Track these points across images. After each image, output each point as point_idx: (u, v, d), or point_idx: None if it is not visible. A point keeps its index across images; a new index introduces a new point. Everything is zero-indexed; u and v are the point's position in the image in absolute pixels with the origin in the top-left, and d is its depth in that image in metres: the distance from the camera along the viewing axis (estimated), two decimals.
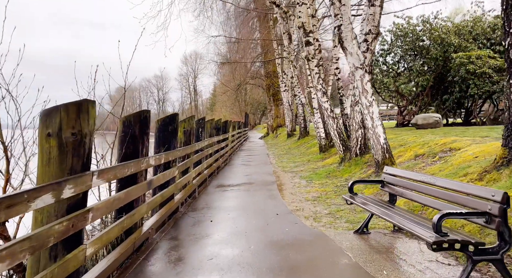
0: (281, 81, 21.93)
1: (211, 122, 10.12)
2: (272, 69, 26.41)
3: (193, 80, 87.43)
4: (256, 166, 11.10)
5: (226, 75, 47.70)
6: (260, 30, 24.52)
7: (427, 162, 5.80)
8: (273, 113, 29.47)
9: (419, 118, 12.24)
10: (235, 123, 18.62)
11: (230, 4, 19.66)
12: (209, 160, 9.44)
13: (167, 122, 5.57)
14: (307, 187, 7.09)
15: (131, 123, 4.04)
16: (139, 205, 4.09)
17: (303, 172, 9.05)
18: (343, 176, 7.61)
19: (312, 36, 8.33)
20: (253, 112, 63.10)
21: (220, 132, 11.78)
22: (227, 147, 13.59)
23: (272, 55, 22.20)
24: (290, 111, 21.46)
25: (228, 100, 56.60)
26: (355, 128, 7.81)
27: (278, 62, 22.00)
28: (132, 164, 3.68)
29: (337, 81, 9.61)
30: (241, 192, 7.06)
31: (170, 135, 5.58)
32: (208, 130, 10.04)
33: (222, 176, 9.44)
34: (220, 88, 56.34)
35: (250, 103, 58.68)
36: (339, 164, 8.41)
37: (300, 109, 17.65)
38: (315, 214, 4.98)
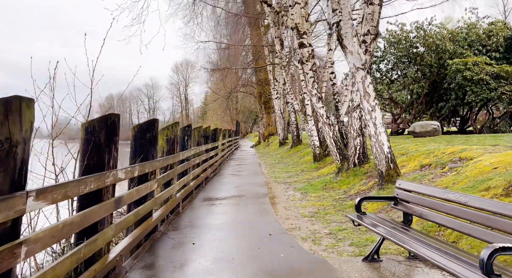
0: (272, 89, 21.44)
1: (199, 130, 9.45)
2: (264, 77, 25.94)
3: (184, 88, 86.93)
4: (247, 177, 10.44)
5: (216, 83, 47.21)
6: (251, 37, 24.13)
7: (435, 174, 5.23)
8: (264, 121, 28.92)
9: (416, 126, 11.79)
10: (225, 131, 17.97)
11: (221, 9, 19.22)
12: (196, 171, 8.76)
13: (144, 129, 4.90)
14: (303, 200, 6.44)
15: (95, 129, 3.37)
16: (104, 228, 3.40)
17: (297, 183, 8.41)
18: (341, 188, 6.99)
19: (306, 38, 7.82)
20: (244, 120, 62.64)
21: (209, 140, 11.11)
22: (216, 156, 12.91)
23: (263, 62, 21.76)
24: (282, 119, 20.93)
25: (219, 109, 56.05)
26: (353, 135, 7.24)
27: (269, 69, 21.53)
28: (92, 179, 3.00)
29: (333, 86, 9.11)
30: (230, 206, 6.38)
31: (148, 144, 4.91)
32: (195, 138, 9.37)
33: (211, 188, 8.75)
34: (211, 96, 55.81)
35: (241, 111, 58.20)
36: (336, 175, 7.80)
37: (292, 117, 17.11)
38: (313, 234, 4.33)
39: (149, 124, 4.94)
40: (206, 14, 21.92)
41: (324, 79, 12.92)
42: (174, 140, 6.48)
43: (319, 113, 7.75)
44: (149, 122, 4.96)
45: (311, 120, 10.82)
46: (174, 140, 6.47)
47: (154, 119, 5.00)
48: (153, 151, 4.99)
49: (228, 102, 37.50)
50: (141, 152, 4.86)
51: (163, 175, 5.56)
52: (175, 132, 6.50)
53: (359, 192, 6.25)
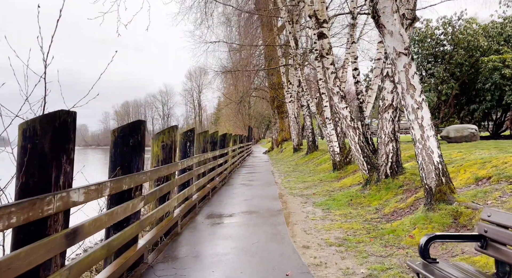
0: (286, 92, 20.35)
1: (204, 135, 8.43)
2: (277, 80, 24.90)
3: (197, 95, 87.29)
4: (258, 187, 9.33)
5: (228, 88, 46.50)
6: (263, 39, 23.14)
7: (503, 190, 4.01)
8: (277, 126, 27.80)
9: (450, 130, 10.46)
10: (236, 137, 16.93)
11: (232, 10, 18.36)
12: (201, 181, 7.71)
13: (127, 133, 3.88)
14: (325, 220, 5.28)
15: (36, 133, 2.37)
16: (50, 274, 2.37)
17: (317, 197, 7.25)
18: (371, 204, 5.80)
19: (326, 27, 6.71)
20: (257, 126, 61.72)
21: (217, 146, 10.07)
22: (226, 163, 11.86)
23: (276, 64, 20.72)
24: (296, 123, 19.77)
25: (232, 114, 55.35)
26: (385, 141, 6.06)
27: (282, 71, 20.48)
28: (24, 204, 1.97)
29: (356, 85, 7.96)
30: (237, 227, 5.28)
31: (132, 152, 3.88)
32: (200, 144, 8.35)
33: (217, 201, 7.67)
34: (223, 102, 55.22)
35: (254, 116, 57.30)
36: (363, 187, 6.61)
37: (307, 121, 15.95)
38: (346, 276, 3.19)
39: (133, 127, 3.92)
40: (216, 14, 21.15)
41: (343, 80, 11.74)
42: (172, 146, 5.45)
43: (342, 115, 6.61)
44: (132, 125, 3.94)
45: (330, 124, 9.65)
46: (171, 146, 5.44)
47: (140, 120, 3.98)
48: (139, 161, 3.96)
49: (240, 107, 36.59)
50: (123, 162, 3.84)
51: (154, 190, 4.53)
52: (172, 137, 5.47)
53: (395, 211, 5.06)
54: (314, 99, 10.58)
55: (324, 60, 6.63)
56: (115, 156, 3.85)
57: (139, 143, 3.96)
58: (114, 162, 3.85)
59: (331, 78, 6.61)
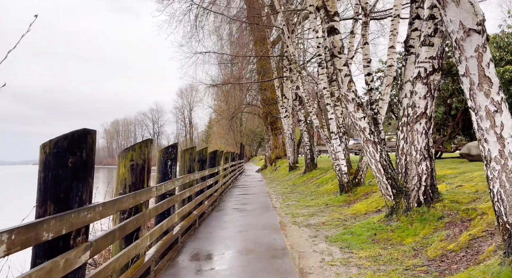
0: (281, 106, 19.24)
1: (191, 152, 7.08)
2: (270, 95, 23.87)
3: (188, 112, 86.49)
4: (254, 213, 7.92)
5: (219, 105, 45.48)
6: (256, 52, 22.23)
7: None
8: (271, 144, 26.57)
9: (472, 147, 9.34)
10: (227, 154, 15.56)
11: (224, 21, 17.40)
12: (186, 208, 6.31)
13: (64, 149, 2.53)
14: (349, 266, 3.92)
15: None
16: None
17: (328, 228, 5.89)
18: (404, 242, 4.48)
19: (337, 20, 5.57)
20: (249, 143, 60.55)
21: (205, 165, 8.71)
22: (216, 184, 10.46)
23: (270, 77, 19.69)
24: (291, 140, 18.56)
25: (223, 131, 54.24)
26: (416, 158, 4.81)
27: (277, 85, 19.44)
28: None
29: (370, 92, 6.80)
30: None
31: (72, 176, 2.53)
32: (186, 163, 6.97)
33: (206, 233, 6.24)
34: (215, 118, 54.16)
35: (246, 134, 56.22)
36: (387, 217, 5.29)
37: (305, 137, 14.74)
38: None
39: (73, 140, 2.57)
40: (207, 27, 20.23)
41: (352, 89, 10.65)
42: (144, 166, 4.09)
43: (359, 127, 5.37)
44: (74, 136, 2.59)
45: (336, 139, 8.42)
46: (143, 166, 4.08)
47: (86, 129, 2.65)
48: (84, 190, 2.60)
49: (231, 124, 35.40)
50: (56, 193, 2.48)
51: (112, 230, 3.13)
52: (145, 154, 4.12)
53: (445, 255, 3.74)
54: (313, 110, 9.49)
55: (335, 60, 5.45)
56: (45, 183, 2.49)
57: (84, 163, 2.61)
58: (43, 193, 2.48)
59: (345, 82, 5.41)
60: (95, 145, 2.77)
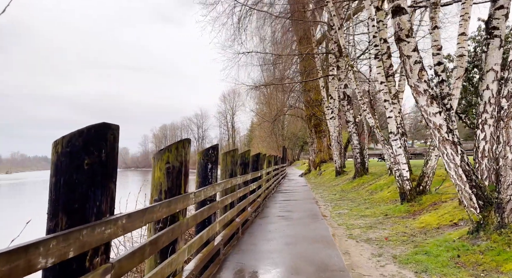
0: (326, 108, 18.23)
1: (233, 155, 6.54)
2: (314, 96, 22.89)
3: (231, 117, 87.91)
4: (302, 222, 7.17)
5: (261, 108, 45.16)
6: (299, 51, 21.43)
7: None
8: (315, 147, 25.50)
9: None
10: (270, 158, 14.93)
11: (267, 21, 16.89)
12: (228, 215, 5.77)
13: (79, 148, 2.03)
14: None
15: None
16: None
17: (393, 244, 4.98)
18: (501, 268, 3.49)
19: None
20: (291, 147, 59.58)
21: (248, 169, 8.14)
22: (259, 189, 9.87)
23: (315, 77, 18.75)
24: (338, 143, 17.46)
25: (265, 135, 53.91)
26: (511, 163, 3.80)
27: (322, 85, 18.48)
28: None
29: (440, 84, 5.73)
30: None
31: (88, 181, 2.04)
32: (227, 167, 6.44)
33: (250, 244, 5.63)
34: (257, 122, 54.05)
35: (288, 137, 55.39)
36: (472, 235, 4.28)
37: (354, 139, 13.64)
38: None
39: (90, 136, 2.07)
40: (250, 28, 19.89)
41: (400, 89, 9.52)
42: (181, 169, 3.58)
43: (433, 124, 4.44)
44: (91, 131, 2.08)
45: (396, 140, 7.39)
46: (180, 169, 3.58)
47: (106, 124, 2.14)
48: (103, 198, 2.09)
49: (273, 127, 34.78)
50: (68, 202, 2.00)
51: (141, 246, 2.61)
52: (182, 156, 3.62)
53: None
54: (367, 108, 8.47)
55: (402, 45, 4.58)
56: (57, 190, 2.01)
57: (104, 165, 2.11)
58: (54, 202, 2.01)
59: (415, 71, 4.51)
60: (118, 143, 2.26)
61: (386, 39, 8.45)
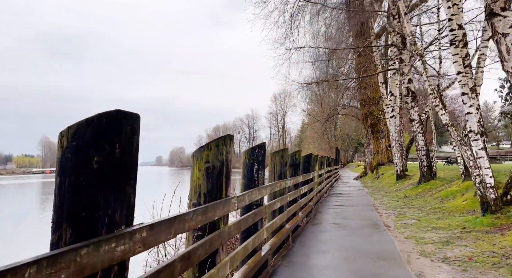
0: (386, 105, 16.80)
1: (282, 155, 5.96)
2: (372, 94, 21.38)
3: (281, 117, 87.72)
4: (360, 232, 6.34)
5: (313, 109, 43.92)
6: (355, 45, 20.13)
7: None
8: (371, 148, 23.85)
9: None
10: (323, 159, 14.06)
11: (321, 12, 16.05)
12: (277, 221, 5.22)
13: (89, 141, 1.63)
14: None
15: None
16: None
17: (482, 268, 4.00)
18: None
19: None
20: (344, 148, 57.27)
21: (298, 170, 7.51)
22: (311, 192, 9.18)
23: (374, 69, 17.37)
24: (399, 144, 15.96)
25: (316, 135, 52.52)
26: None
27: (381, 81, 17.08)
28: None
29: None
30: None
31: (99, 183, 1.63)
32: (276, 168, 5.87)
33: (300, 256, 5.01)
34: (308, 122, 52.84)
35: (341, 138, 53.28)
36: None
37: (420, 140, 12.23)
38: None
39: (101, 126, 1.64)
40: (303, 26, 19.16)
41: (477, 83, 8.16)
42: (222, 170, 3.12)
43: None
44: (102, 119, 1.66)
45: (477, 140, 6.21)
46: (221, 170, 3.12)
47: (119, 112, 1.71)
48: (118, 205, 1.66)
49: (325, 127, 33.47)
50: (74, 210, 1.59)
51: (166, 265, 2.16)
52: (223, 154, 3.15)
53: None
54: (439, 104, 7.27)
55: (495, 21, 3.63)
56: (61, 195, 1.62)
57: (118, 164, 1.68)
58: (57, 209, 1.62)
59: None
60: (138, 137, 1.82)
61: (462, 25, 7.26)
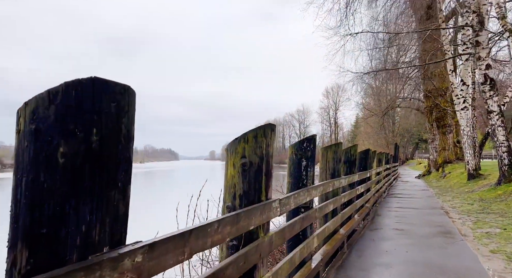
0: (456, 96, 14.85)
1: (335, 150, 5.20)
2: (439, 84, 19.19)
3: (333, 112, 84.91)
4: (429, 242, 5.34)
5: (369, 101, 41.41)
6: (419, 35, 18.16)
7: None
8: (436, 144, 21.55)
9: None
10: (381, 155, 12.80)
11: None
12: (329, 226, 4.55)
13: (52, 125, 1.15)
14: None
15: None
16: None
17: None
18: None
19: None
20: (403, 144, 53.38)
21: (354, 168, 6.66)
22: (368, 193, 8.25)
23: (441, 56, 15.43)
24: (472, 139, 14.00)
25: (372, 131, 49.68)
26: None
27: (450, 69, 15.13)
28: None
29: None
30: None
31: (68, 184, 1.14)
32: (328, 164, 5.12)
33: (357, 269, 4.25)
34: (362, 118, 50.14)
35: (399, 133, 49.72)
36: None
37: (500, 134, 10.45)
38: None
39: (68, 105, 1.16)
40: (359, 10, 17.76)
41: None
42: (261, 167, 2.55)
43: None
44: (70, 96, 1.16)
45: None
46: (260, 167, 2.54)
47: (95, 79, 1.19)
48: (92, 219, 1.14)
49: (383, 121, 31.24)
50: (31, 224, 1.11)
51: None
52: (263, 148, 2.56)
53: None
54: None
55: None
56: (16, 201, 1.15)
57: (99, 156, 1.17)
58: (13, 222, 1.16)
59: None
60: (130, 119, 1.28)
61: None
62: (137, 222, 2.02)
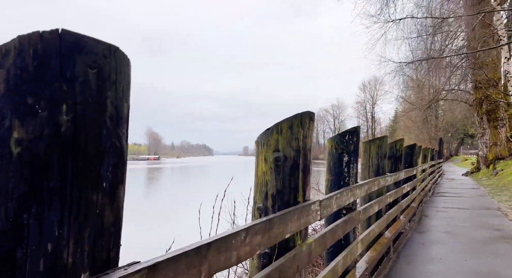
0: (511, 86, 13.37)
1: (379, 144, 4.63)
2: (491, 74, 17.50)
3: (371, 106, 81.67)
4: (489, 248, 4.64)
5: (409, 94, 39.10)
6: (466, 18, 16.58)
7: None
8: (487, 139, 19.76)
9: None
10: (426, 151, 11.79)
11: None
12: (374, 230, 4.04)
13: None
14: None
15: None
16: None
17: None
18: None
19: None
20: (446, 140, 50.12)
21: (399, 164, 6.02)
22: (413, 191, 7.53)
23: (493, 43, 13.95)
24: None
25: (413, 126, 47.06)
26: None
27: (506, 57, 13.63)
28: None
29: None
30: None
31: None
32: (372, 160, 4.57)
33: (407, 275, 3.71)
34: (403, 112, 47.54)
35: (443, 128, 46.71)
36: None
37: None
38: None
39: None
40: None
41: None
42: (297, 162, 2.13)
43: None
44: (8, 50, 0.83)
45: None
46: (296, 162, 2.13)
47: (58, 31, 0.84)
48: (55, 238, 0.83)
49: (426, 114, 29.32)
50: None
51: None
52: (299, 140, 2.16)
53: None
54: None
55: None
56: None
57: (72, 144, 0.83)
58: None
59: None
60: (122, 95, 0.92)
61: None
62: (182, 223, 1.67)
